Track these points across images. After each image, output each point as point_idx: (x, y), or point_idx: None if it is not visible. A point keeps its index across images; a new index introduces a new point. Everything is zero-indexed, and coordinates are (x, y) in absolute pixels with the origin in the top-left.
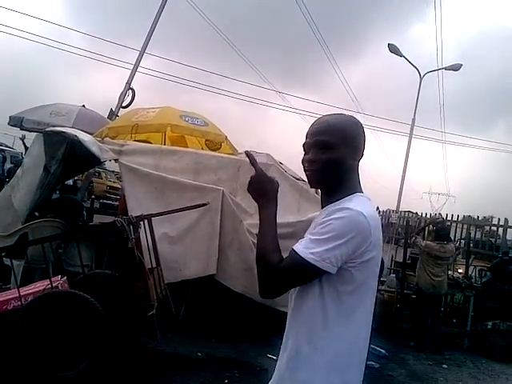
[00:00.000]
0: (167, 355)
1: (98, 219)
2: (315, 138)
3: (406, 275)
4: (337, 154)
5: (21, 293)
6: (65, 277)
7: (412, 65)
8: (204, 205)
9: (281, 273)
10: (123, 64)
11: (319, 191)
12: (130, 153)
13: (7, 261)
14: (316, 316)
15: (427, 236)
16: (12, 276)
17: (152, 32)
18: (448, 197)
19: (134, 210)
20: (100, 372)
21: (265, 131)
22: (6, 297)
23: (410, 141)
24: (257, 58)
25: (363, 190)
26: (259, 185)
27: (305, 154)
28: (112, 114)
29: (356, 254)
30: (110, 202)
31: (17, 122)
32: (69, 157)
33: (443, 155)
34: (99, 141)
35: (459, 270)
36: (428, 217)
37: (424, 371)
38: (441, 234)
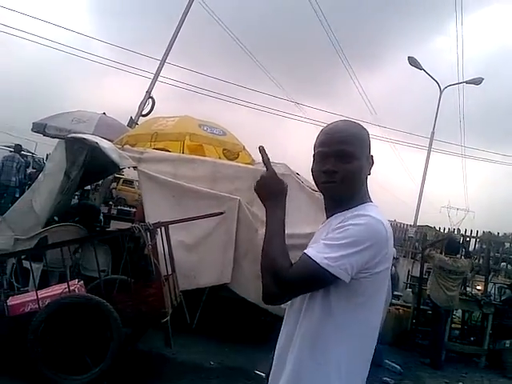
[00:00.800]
0: (179, 363)
1: (115, 225)
2: (337, 148)
3: (423, 290)
4: (359, 165)
5: (38, 295)
6: (81, 281)
7: (432, 78)
8: (220, 213)
9: (291, 279)
10: (144, 73)
11: None
12: (149, 160)
13: (26, 264)
14: (324, 329)
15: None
16: (30, 279)
17: (173, 43)
18: (467, 212)
19: (152, 217)
20: (113, 377)
21: (282, 141)
22: (24, 299)
23: (429, 154)
24: (275, 69)
25: (373, 200)
26: (268, 186)
27: (316, 163)
28: (132, 122)
29: (370, 264)
30: (128, 209)
31: (40, 129)
32: (89, 163)
33: (463, 170)
34: (119, 148)
35: (478, 287)
36: (446, 231)
37: None
38: (450, 247)
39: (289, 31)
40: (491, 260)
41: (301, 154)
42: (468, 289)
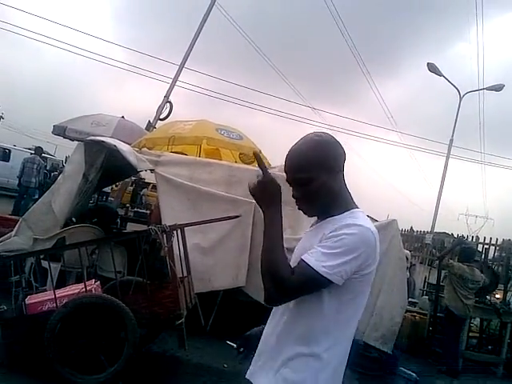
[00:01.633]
0: (193, 365)
1: (132, 227)
2: (292, 177)
3: (440, 297)
4: (318, 184)
5: (56, 295)
6: (98, 281)
7: (452, 84)
8: (236, 217)
9: (293, 285)
10: (162, 78)
11: None
12: (166, 163)
13: (45, 263)
14: (316, 323)
15: (453, 257)
16: (48, 278)
17: (191, 48)
18: (486, 219)
19: (168, 220)
20: (127, 377)
21: None
22: (42, 298)
23: (447, 161)
24: (293, 74)
25: (357, 204)
26: (264, 189)
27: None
28: (150, 126)
29: (361, 267)
30: (144, 211)
31: (60, 131)
32: (107, 166)
33: (482, 176)
34: (137, 151)
35: (497, 296)
36: (465, 239)
37: None
38: (466, 255)
39: (308, 37)
40: (511, 268)
41: None
42: (487, 297)
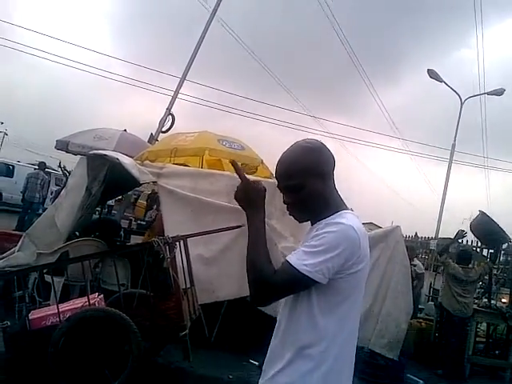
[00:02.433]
0: (198, 376)
1: (135, 240)
2: (283, 184)
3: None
4: (308, 190)
5: (59, 309)
6: (101, 295)
7: (452, 90)
8: (239, 227)
9: (276, 284)
10: (164, 90)
11: None
12: (169, 175)
13: (48, 278)
14: (308, 327)
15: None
16: (52, 292)
17: (192, 61)
18: None
19: (171, 231)
20: None
21: None
22: (46, 313)
23: (450, 166)
24: (294, 84)
25: (348, 206)
26: (245, 194)
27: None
28: (152, 139)
29: (345, 266)
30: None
31: (63, 146)
32: (109, 179)
33: (485, 181)
34: (139, 163)
35: (503, 300)
36: (468, 244)
37: None
38: (462, 258)
39: (307, 45)
40: None
41: None
42: (493, 301)
